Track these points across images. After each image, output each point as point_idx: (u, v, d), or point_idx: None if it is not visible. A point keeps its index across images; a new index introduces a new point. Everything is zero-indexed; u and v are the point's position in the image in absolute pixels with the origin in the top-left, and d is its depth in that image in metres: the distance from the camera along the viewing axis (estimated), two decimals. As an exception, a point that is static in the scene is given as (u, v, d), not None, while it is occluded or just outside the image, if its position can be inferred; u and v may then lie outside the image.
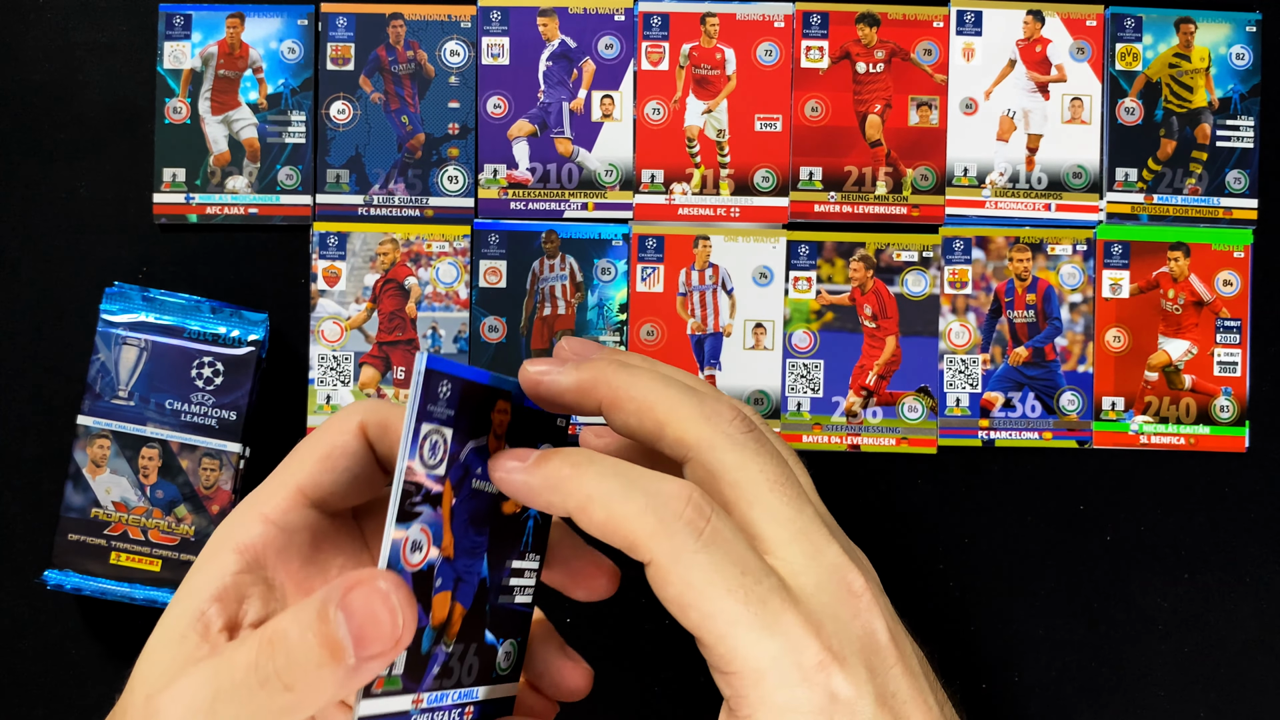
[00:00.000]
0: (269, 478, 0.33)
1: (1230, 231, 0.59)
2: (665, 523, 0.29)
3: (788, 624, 0.29)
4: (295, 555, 0.33)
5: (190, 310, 0.54)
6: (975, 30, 0.60)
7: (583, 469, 0.31)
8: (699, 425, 0.31)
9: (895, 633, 0.32)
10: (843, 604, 0.31)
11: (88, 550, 0.53)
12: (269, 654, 0.28)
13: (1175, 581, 0.59)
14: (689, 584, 0.29)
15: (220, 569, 0.32)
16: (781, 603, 0.29)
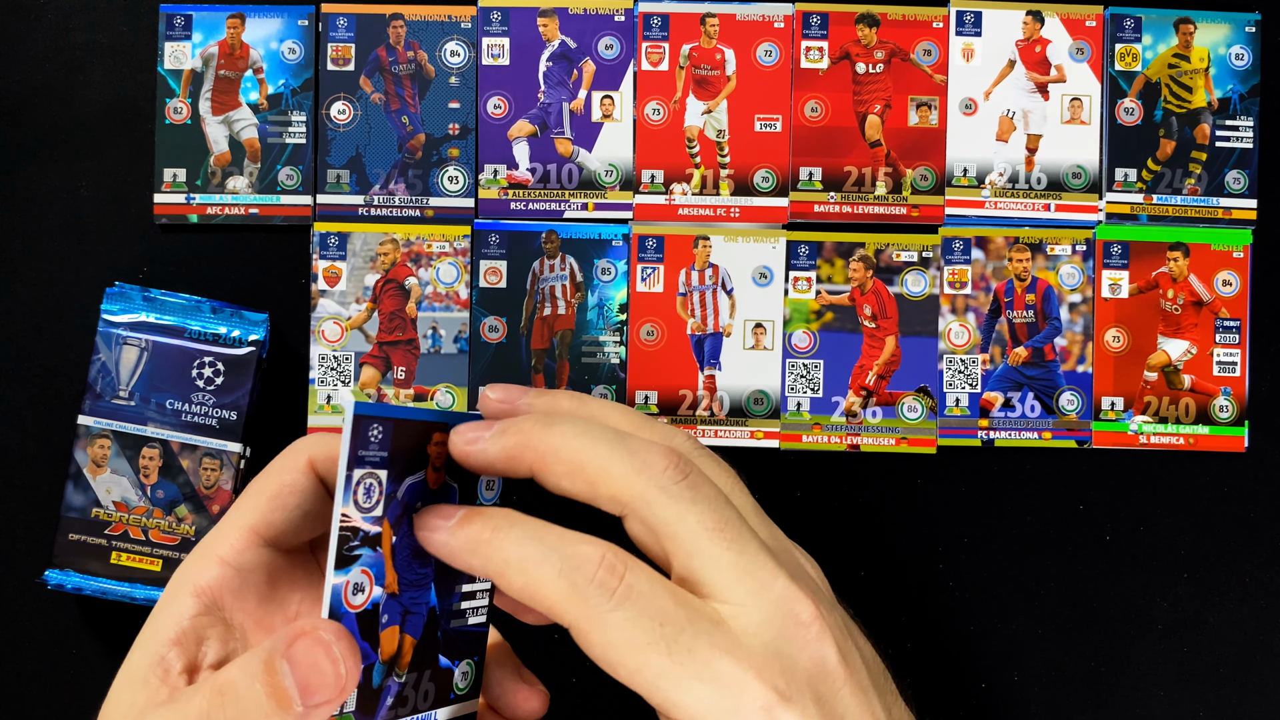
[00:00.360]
0: (223, 519, 0.34)
1: (1229, 232, 0.60)
2: (578, 587, 0.30)
3: (721, 669, 0.29)
4: (252, 594, 0.34)
5: (191, 310, 0.54)
6: (975, 31, 0.60)
7: (502, 533, 0.31)
8: (630, 481, 0.31)
9: (845, 650, 0.32)
10: (791, 638, 0.31)
11: (88, 550, 0.53)
12: (219, 704, 0.30)
13: (1174, 581, 0.59)
14: (609, 644, 0.30)
15: (178, 613, 0.33)
16: (711, 649, 0.30)
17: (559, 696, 0.57)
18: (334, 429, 0.57)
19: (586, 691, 0.57)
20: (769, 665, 0.30)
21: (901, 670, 0.57)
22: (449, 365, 0.58)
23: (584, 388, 0.58)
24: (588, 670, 0.57)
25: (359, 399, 0.28)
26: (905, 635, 0.58)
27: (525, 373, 0.58)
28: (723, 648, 0.30)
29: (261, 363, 0.55)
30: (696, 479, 0.32)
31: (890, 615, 0.58)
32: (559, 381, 0.58)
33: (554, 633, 0.59)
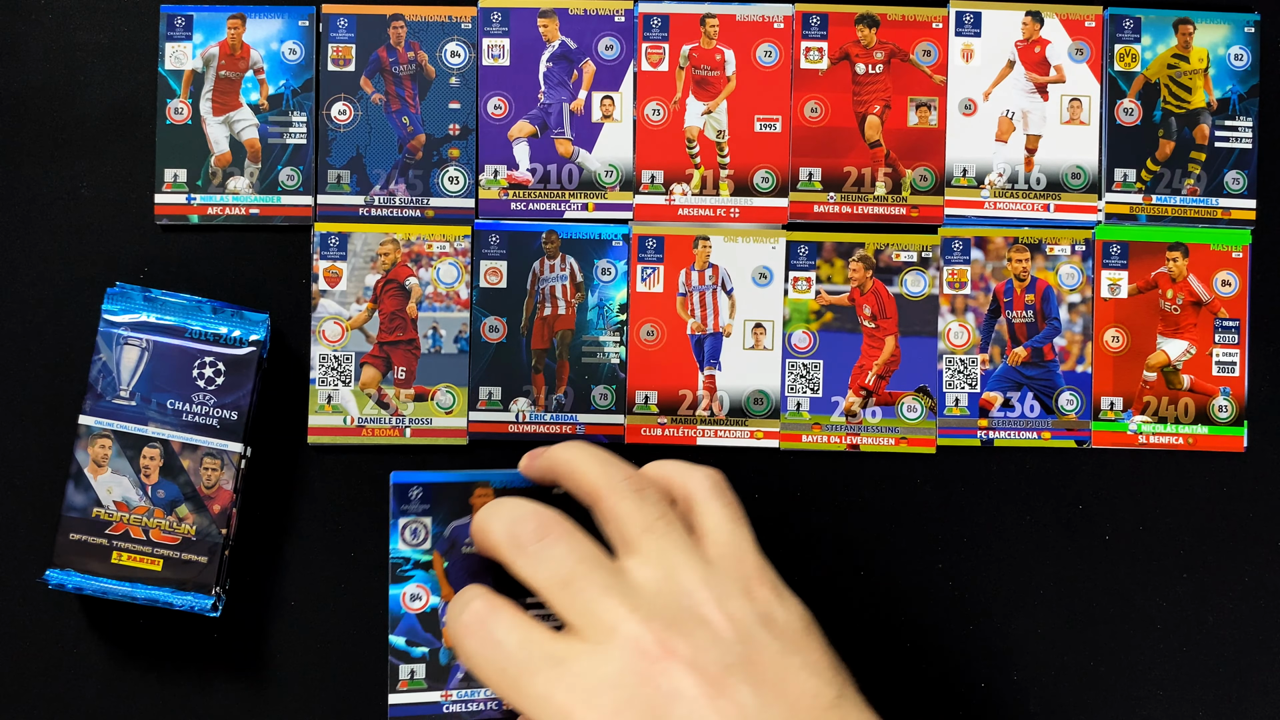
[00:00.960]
0: None
1: (1229, 232, 0.60)
2: (456, 633, 0.42)
3: (556, 705, 0.39)
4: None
5: (191, 310, 0.54)
6: (974, 31, 0.60)
7: (456, 607, 0.43)
8: (498, 540, 0.43)
9: (714, 678, 0.38)
10: (634, 672, 0.38)
11: (89, 550, 0.53)
12: None
13: (1174, 581, 0.59)
14: (473, 670, 0.42)
15: None
16: (549, 686, 0.38)
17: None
18: (335, 429, 0.57)
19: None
20: (599, 696, 0.36)
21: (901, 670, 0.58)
22: (449, 365, 0.58)
23: (584, 387, 0.58)
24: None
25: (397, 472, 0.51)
26: (905, 635, 0.58)
27: (525, 373, 0.58)
28: (560, 684, 0.37)
29: (262, 363, 0.55)
30: (551, 543, 0.40)
31: (890, 615, 0.58)
32: (559, 381, 0.58)
33: (554, 632, 0.59)
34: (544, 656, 0.38)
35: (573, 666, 0.37)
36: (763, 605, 0.40)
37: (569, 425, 0.58)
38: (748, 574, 0.41)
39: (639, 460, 0.58)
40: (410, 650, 0.51)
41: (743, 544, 0.42)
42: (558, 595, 0.39)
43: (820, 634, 0.41)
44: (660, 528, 0.40)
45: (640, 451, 0.58)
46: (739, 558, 0.41)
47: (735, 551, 0.42)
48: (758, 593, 0.40)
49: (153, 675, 0.56)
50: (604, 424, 0.58)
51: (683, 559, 0.40)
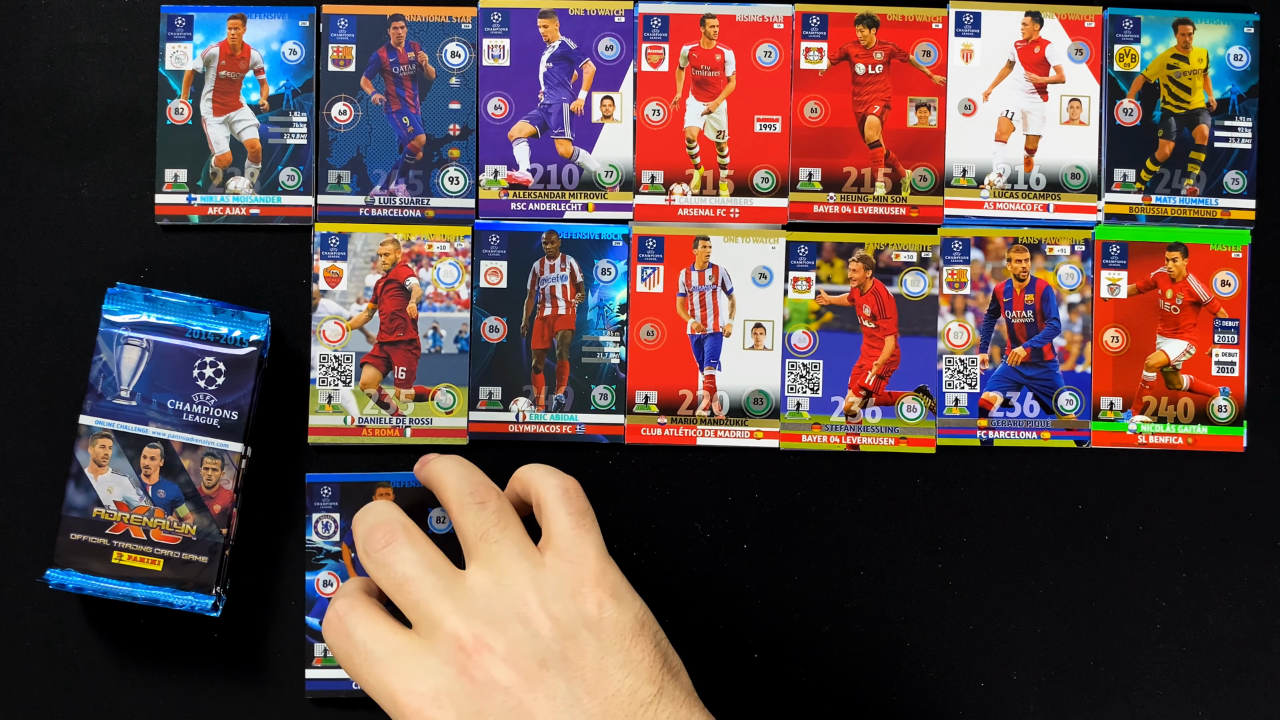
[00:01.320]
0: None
1: (1228, 232, 0.60)
2: (328, 614, 0.47)
3: (388, 691, 0.44)
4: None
5: (192, 310, 0.54)
6: (974, 31, 0.60)
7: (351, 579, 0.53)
8: (359, 545, 0.47)
9: (528, 672, 0.43)
10: (453, 662, 0.43)
11: (90, 549, 0.53)
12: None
13: (1173, 581, 0.59)
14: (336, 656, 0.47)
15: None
16: (382, 675, 0.44)
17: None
18: (335, 429, 0.57)
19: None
20: (420, 682, 0.42)
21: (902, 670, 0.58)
22: (449, 365, 0.58)
23: (584, 387, 0.58)
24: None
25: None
26: (905, 635, 0.58)
27: (525, 373, 0.58)
28: (393, 672, 0.43)
29: (263, 363, 0.55)
30: (393, 550, 0.45)
31: (890, 615, 0.58)
32: (559, 381, 0.58)
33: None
34: (385, 648, 0.43)
35: (405, 658, 0.43)
36: (590, 606, 0.44)
37: (569, 425, 0.58)
38: (581, 577, 0.44)
39: (640, 460, 0.58)
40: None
41: (583, 548, 0.45)
42: (396, 595, 0.45)
43: (654, 635, 0.44)
44: (493, 535, 0.45)
45: (640, 452, 0.58)
46: (577, 561, 0.45)
47: (574, 555, 0.45)
48: (588, 594, 0.44)
49: (153, 675, 0.56)
50: (604, 424, 0.58)
51: (512, 564, 0.44)
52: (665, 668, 0.44)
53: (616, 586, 0.45)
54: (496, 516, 0.46)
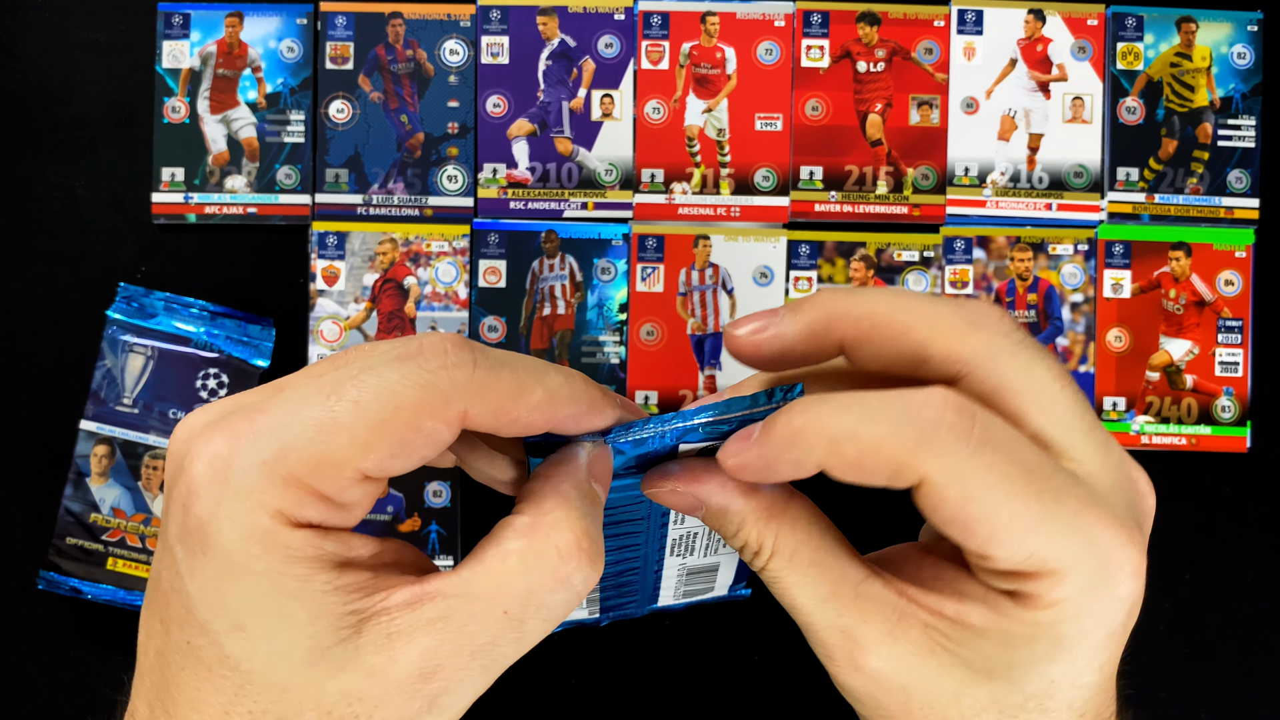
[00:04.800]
0: (311, 428, 0.26)
1: (1232, 231, 0.59)
2: (925, 434, 0.26)
3: (1091, 524, 0.27)
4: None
5: (198, 318, 0.54)
6: (976, 29, 0.59)
7: (815, 412, 0.27)
8: (970, 335, 0.28)
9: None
10: (1136, 507, 0.29)
11: (85, 555, 0.52)
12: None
13: (1176, 582, 0.58)
14: (969, 496, 0.26)
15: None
16: (1079, 502, 0.27)
17: (558, 697, 0.57)
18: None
19: (586, 692, 0.57)
20: (1131, 529, 0.28)
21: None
22: (448, 365, 0.57)
23: (584, 388, 0.58)
24: (587, 671, 0.57)
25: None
26: (906, 636, 0.58)
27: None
28: (1089, 502, 0.27)
29: (264, 374, 0.54)
30: (1028, 335, 0.29)
31: (891, 616, 0.58)
32: (559, 382, 0.58)
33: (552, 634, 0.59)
34: (1060, 467, 0.29)
35: (1092, 485, 0.30)
36: None
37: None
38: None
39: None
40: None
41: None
42: (1065, 389, 0.30)
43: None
44: (1074, 383, 0.32)
45: (640, 452, 0.58)
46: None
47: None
48: None
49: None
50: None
51: None
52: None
53: None
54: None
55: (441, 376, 0.27)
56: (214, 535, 0.26)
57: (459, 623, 0.27)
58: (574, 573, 0.28)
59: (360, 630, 0.27)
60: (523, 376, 0.28)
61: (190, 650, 0.27)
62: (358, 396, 0.26)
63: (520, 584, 0.28)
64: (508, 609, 0.28)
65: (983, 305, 0.29)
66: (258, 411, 0.26)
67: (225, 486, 0.26)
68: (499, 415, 0.28)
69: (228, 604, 0.26)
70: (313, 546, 0.26)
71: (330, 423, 0.26)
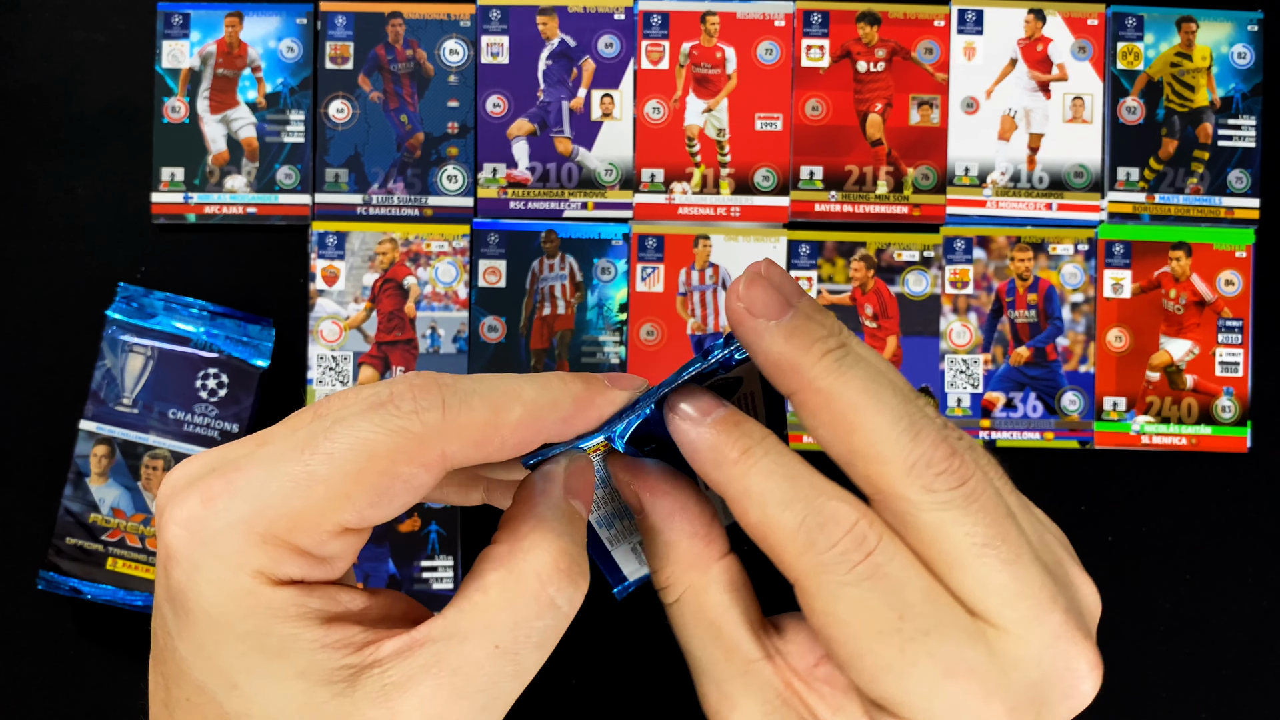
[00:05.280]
0: (287, 486, 0.26)
1: (1232, 231, 0.59)
2: (816, 547, 0.27)
3: (963, 690, 0.26)
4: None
5: (197, 318, 0.54)
6: (976, 29, 0.59)
7: (752, 459, 0.28)
8: (898, 474, 0.27)
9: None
10: (1056, 687, 0.27)
11: (85, 555, 0.52)
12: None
13: (1176, 582, 0.58)
14: (833, 618, 0.27)
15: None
16: (957, 660, 0.26)
17: (558, 697, 0.57)
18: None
19: (586, 692, 0.57)
20: (1022, 709, 0.26)
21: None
22: (448, 365, 0.57)
23: (584, 388, 0.58)
24: (588, 671, 0.57)
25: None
26: (906, 636, 0.58)
27: (524, 373, 0.57)
28: (971, 665, 0.26)
29: (264, 374, 0.54)
30: (976, 486, 0.27)
31: (891, 616, 0.58)
32: (559, 382, 0.58)
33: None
34: (956, 622, 0.28)
35: (991, 648, 0.28)
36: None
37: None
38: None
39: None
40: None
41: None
42: (981, 554, 0.28)
43: None
44: (1011, 544, 0.30)
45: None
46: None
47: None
48: None
49: (150, 677, 0.56)
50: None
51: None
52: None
53: None
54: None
55: (413, 421, 0.26)
56: (195, 599, 0.26)
57: (452, 665, 0.27)
58: (556, 595, 0.28)
59: (355, 684, 0.26)
60: (496, 400, 0.28)
61: (190, 706, 0.27)
62: (331, 449, 0.26)
63: (505, 616, 0.27)
64: (498, 643, 0.27)
65: (938, 449, 0.27)
66: (234, 470, 0.26)
67: (202, 549, 0.26)
68: (481, 446, 0.28)
69: (218, 665, 0.26)
70: (296, 604, 0.26)
71: (305, 477, 0.26)
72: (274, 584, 0.26)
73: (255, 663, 0.26)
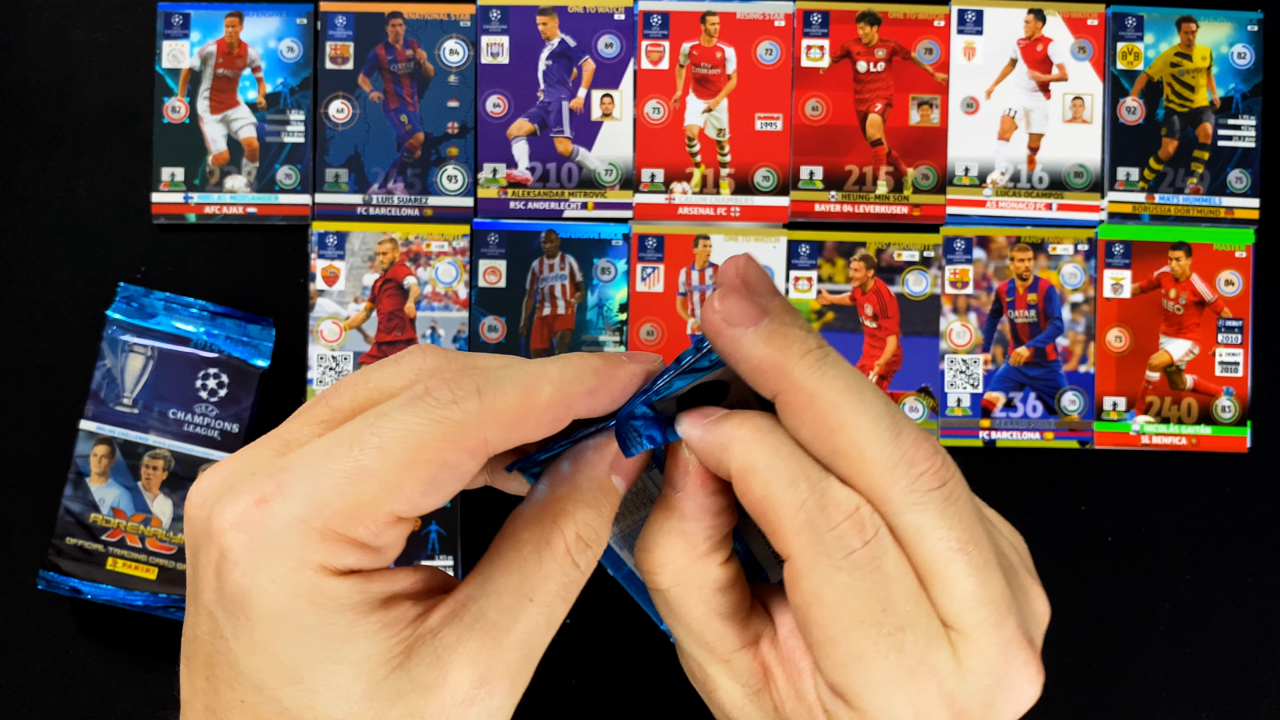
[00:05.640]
0: (339, 478, 0.27)
1: (1232, 231, 0.59)
2: (815, 527, 0.27)
3: (924, 690, 0.27)
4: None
5: (198, 318, 0.54)
6: (976, 29, 0.59)
7: (760, 438, 0.28)
8: (880, 473, 0.28)
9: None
10: (1005, 690, 0.28)
11: (85, 555, 0.52)
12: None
13: (1176, 582, 0.58)
14: (818, 599, 0.27)
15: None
16: (924, 663, 0.27)
17: (559, 697, 0.57)
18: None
19: (587, 692, 0.57)
20: (971, 712, 0.27)
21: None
22: (448, 365, 0.57)
23: (584, 388, 0.58)
24: (588, 671, 0.57)
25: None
26: (906, 636, 0.58)
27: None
28: (934, 667, 0.27)
29: (265, 374, 0.54)
30: (955, 489, 0.28)
31: (891, 616, 0.58)
32: (559, 382, 0.58)
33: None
34: (934, 627, 0.29)
35: (955, 652, 0.29)
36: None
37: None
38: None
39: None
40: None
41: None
42: (953, 558, 0.29)
43: None
44: (980, 549, 0.31)
45: (640, 452, 0.58)
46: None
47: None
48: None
49: (150, 676, 0.56)
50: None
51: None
52: None
53: None
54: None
55: (454, 410, 0.27)
56: (259, 599, 0.26)
57: (493, 618, 0.28)
58: (579, 557, 0.30)
59: (410, 655, 0.27)
60: (526, 382, 0.29)
61: (244, 707, 0.27)
62: (380, 443, 0.27)
63: (538, 572, 0.29)
64: (532, 596, 0.29)
65: (920, 449, 0.28)
66: (282, 471, 0.27)
67: (264, 549, 0.26)
68: (517, 429, 0.28)
69: (281, 661, 0.27)
70: (359, 592, 0.27)
71: (358, 472, 0.26)
72: (336, 575, 0.27)
73: (322, 654, 0.27)
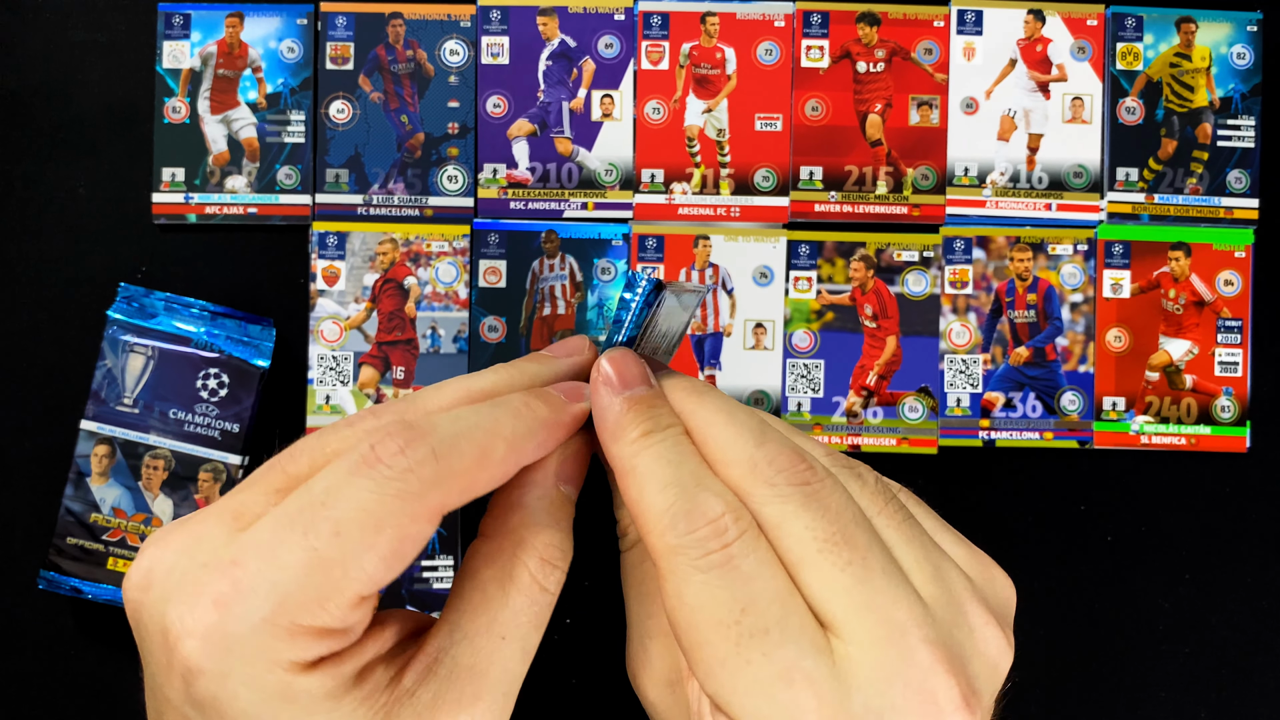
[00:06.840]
0: (305, 567, 0.26)
1: (1231, 231, 0.59)
2: (677, 530, 0.27)
3: (793, 699, 0.25)
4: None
5: (199, 318, 0.54)
6: (976, 29, 0.59)
7: (649, 441, 0.29)
8: (745, 471, 0.28)
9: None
10: (900, 713, 0.26)
11: (86, 554, 0.52)
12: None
13: (1176, 582, 0.59)
14: (679, 600, 0.27)
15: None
16: (793, 669, 0.26)
17: (559, 697, 0.57)
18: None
19: (587, 692, 0.57)
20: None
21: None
22: (448, 365, 0.57)
23: (584, 388, 0.58)
24: (588, 671, 0.57)
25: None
26: (906, 636, 0.58)
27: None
28: (810, 675, 0.26)
29: (265, 374, 0.54)
30: (820, 489, 0.28)
31: (891, 616, 0.58)
32: (559, 382, 0.58)
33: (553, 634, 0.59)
34: (803, 629, 0.28)
35: (835, 663, 0.28)
36: None
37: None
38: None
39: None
40: None
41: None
42: (822, 549, 0.29)
43: None
44: (856, 547, 0.31)
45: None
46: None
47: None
48: None
49: (151, 677, 0.56)
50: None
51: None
52: None
53: None
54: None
55: (410, 480, 0.26)
56: (230, 703, 0.25)
57: (467, 664, 0.28)
58: (545, 581, 0.29)
59: (391, 718, 0.27)
60: (481, 440, 0.28)
61: None
62: (336, 527, 0.26)
63: (504, 610, 0.29)
64: (503, 635, 0.28)
65: (783, 452, 0.28)
66: (233, 565, 0.26)
67: (229, 656, 0.25)
68: (472, 490, 0.28)
69: None
70: (331, 679, 0.26)
71: (317, 562, 0.25)
72: (306, 669, 0.26)
73: None
